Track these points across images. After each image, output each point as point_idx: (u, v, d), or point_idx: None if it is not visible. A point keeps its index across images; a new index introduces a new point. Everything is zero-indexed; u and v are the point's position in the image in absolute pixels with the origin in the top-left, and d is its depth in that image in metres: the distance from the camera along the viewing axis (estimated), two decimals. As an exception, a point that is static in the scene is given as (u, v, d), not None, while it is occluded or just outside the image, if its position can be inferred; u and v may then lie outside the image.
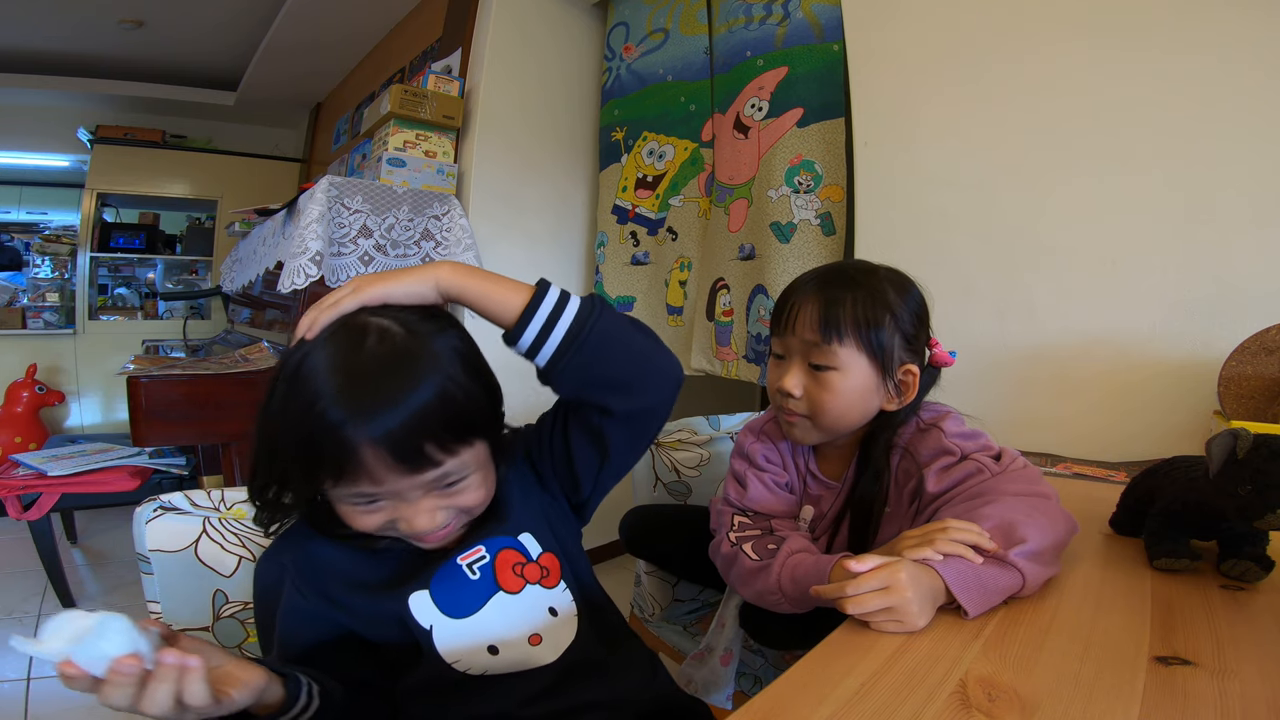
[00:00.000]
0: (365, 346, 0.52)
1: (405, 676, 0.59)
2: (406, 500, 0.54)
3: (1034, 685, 0.42)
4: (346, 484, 0.52)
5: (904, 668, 0.45)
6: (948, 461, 0.71)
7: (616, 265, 2.13)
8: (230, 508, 0.70)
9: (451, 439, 0.53)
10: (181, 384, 1.52)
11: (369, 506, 0.54)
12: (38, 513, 1.82)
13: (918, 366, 0.76)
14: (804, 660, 0.46)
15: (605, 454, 0.64)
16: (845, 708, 0.40)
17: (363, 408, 0.49)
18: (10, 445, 2.93)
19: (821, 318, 0.73)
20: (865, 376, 0.74)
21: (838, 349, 0.73)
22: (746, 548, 0.75)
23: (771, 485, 0.83)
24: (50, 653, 0.40)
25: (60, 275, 3.59)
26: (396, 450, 0.50)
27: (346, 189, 1.71)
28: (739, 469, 0.86)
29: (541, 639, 0.60)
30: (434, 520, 0.55)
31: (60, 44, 3.11)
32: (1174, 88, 1.15)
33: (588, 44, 2.28)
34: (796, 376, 0.76)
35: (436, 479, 0.54)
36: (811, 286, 0.76)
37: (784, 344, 0.78)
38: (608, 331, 0.58)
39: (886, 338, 0.73)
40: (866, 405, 0.76)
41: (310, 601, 0.58)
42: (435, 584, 0.59)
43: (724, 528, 0.81)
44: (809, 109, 1.62)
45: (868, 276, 0.76)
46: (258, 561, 0.63)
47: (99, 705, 0.41)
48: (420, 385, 0.51)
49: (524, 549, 0.63)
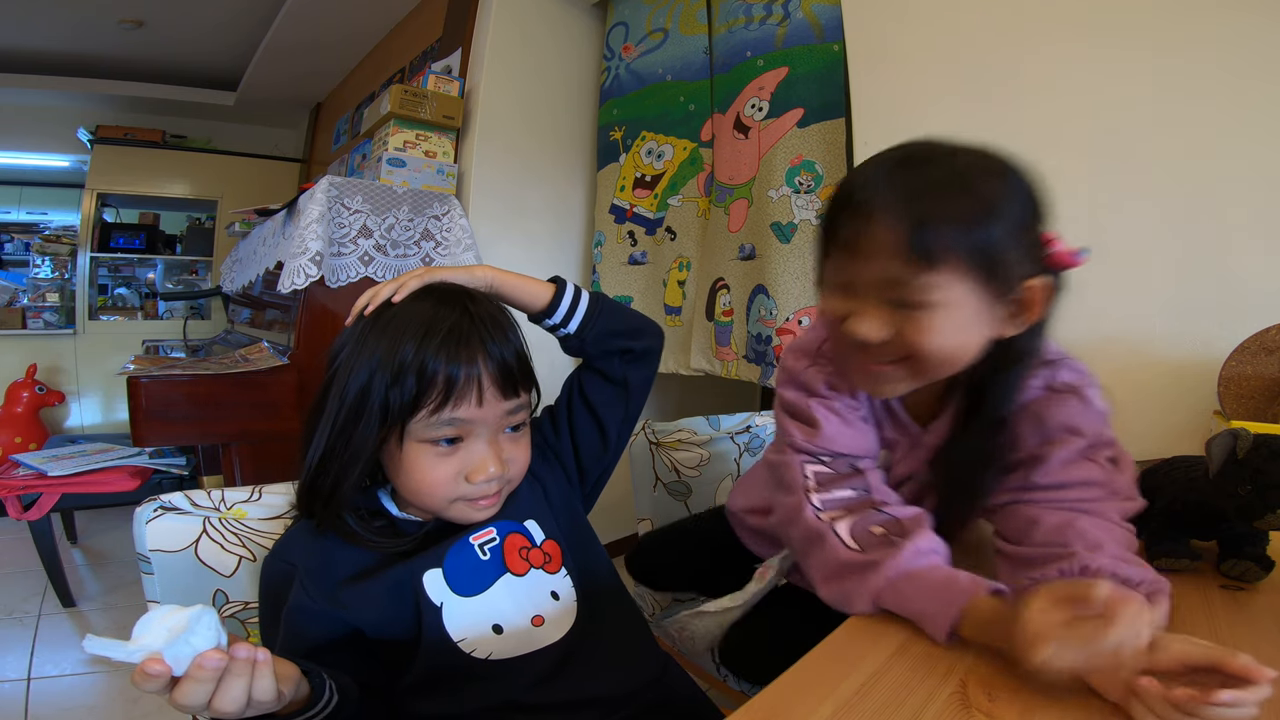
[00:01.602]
0: (461, 304, 0.62)
1: (405, 673, 0.59)
2: (482, 437, 0.61)
3: (1034, 685, 0.42)
4: (450, 408, 0.58)
5: (904, 668, 0.45)
6: (1076, 448, 0.58)
7: (614, 264, 2.13)
8: (230, 508, 0.70)
9: (526, 380, 0.64)
10: (181, 384, 1.52)
11: (449, 448, 0.60)
12: (38, 513, 1.82)
13: (1043, 276, 0.56)
14: (804, 660, 0.46)
15: (604, 432, 0.75)
16: (845, 708, 0.40)
17: (479, 336, 0.60)
18: (10, 445, 2.93)
19: (909, 241, 0.52)
20: (973, 304, 0.54)
21: (934, 280, 0.52)
22: (840, 528, 0.58)
23: (849, 415, 0.65)
24: (141, 649, 0.38)
25: (60, 275, 3.59)
26: (500, 372, 0.60)
27: (346, 189, 1.71)
28: (797, 402, 0.67)
29: (544, 620, 0.62)
30: (499, 466, 0.61)
31: (60, 44, 3.11)
32: (1174, 86, 1.15)
33: (587, 44, 2.28)
34: (876, 320, 0.55)
35: (513, 410, 0.62)
36: (884, 191, 0.54)
37: (846, 273, 0.57)
38: (613, 304, 0.77)
39: (998, 248, 0.52)
40: (978, 338, 0.56)
41: (317, 602, 0.58)
42: (449, 561, 0.61)
43: (798, 486, 0.63)
44: (809, 109, 1.62)
45: (952, 161, 0.55)
46: (264, 559, 0.63)
47: (100, 706, 0.40)
48: (510, 335, 0.64)
49: (529, 534, 0.67)
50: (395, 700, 0.60)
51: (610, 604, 0.68)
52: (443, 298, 0.63)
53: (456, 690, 0.59)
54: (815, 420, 0.65)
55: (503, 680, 0.59)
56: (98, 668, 1.61)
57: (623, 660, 0.64)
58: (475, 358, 0.59)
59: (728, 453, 1.20)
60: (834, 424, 0.65)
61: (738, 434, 1.22)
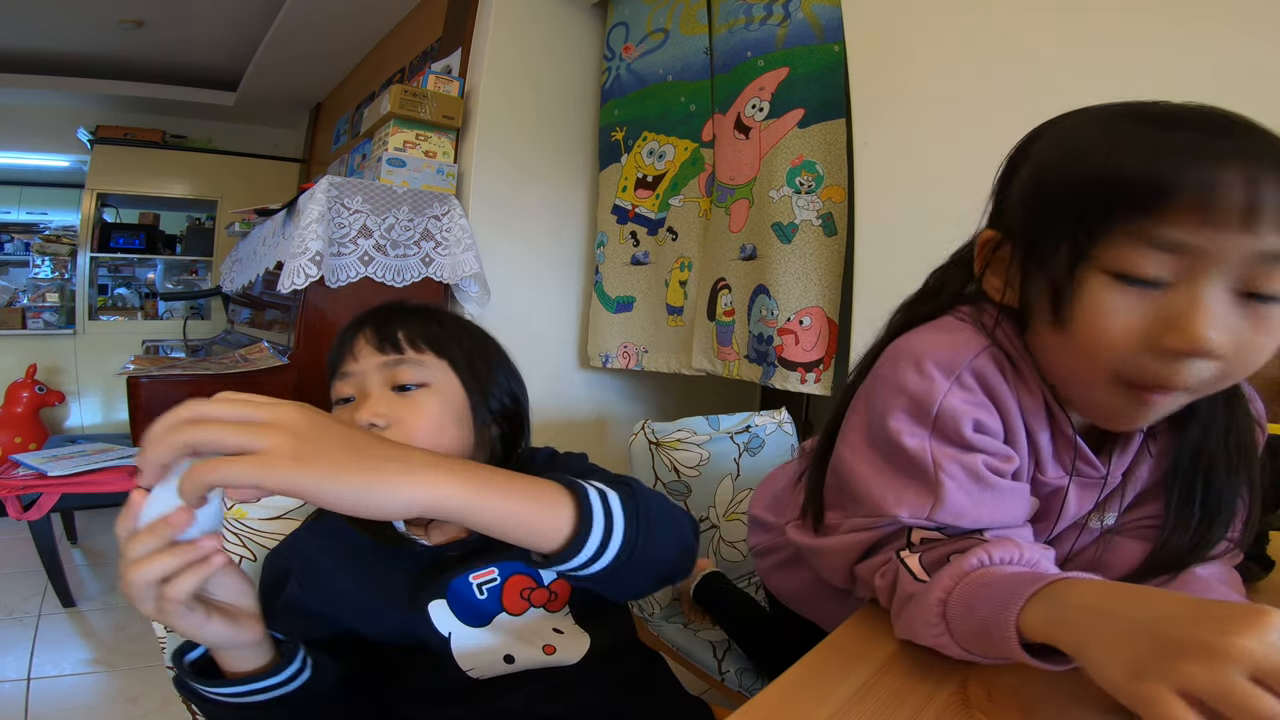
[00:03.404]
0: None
1: (406, 681, 0.59)
2: (370, 392, 0.61)
3: (1034, 686, 0.42)
4: (342, 364, 0.63)
5: (904, 668, 0.45)
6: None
7: (616, 265, 2.13)
8: (230, 507, 0.70)
9: (418, 342, 0.63)
10: (181, 384, 1.52)
11: (345, 406, 0.62)
12: (38, 513, 1.82)
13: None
14: (804, 660, 0.46)
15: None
16: (845, 708, 0.40)
17: (382, 309, 0.66)
18: (10, 445, 2.93)
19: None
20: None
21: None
22: (912, 563, 0.46)
23: (992, 476, 0.47)
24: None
25: (60, 275, 3.59)
26: (377, 327, 0.63)
27: (346, 189, 1.71)
28: (918, 455, 0.47)
29: (555, 649, 0.61)
30: (367, 414, 0.59)
31: (60, 44, 3.11)
32: (1173, 83, 1.15)
33: (587, 44, 2.28)
34: (1219, 317, 0.39)
35: (390, 364, 0.61)
36: (1258, 139, 0.39)
37: (1190, 249, 0.39)
38: (653, 506, 0.51)
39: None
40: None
41: (312, 602, 0.58)
42: (451, 593, 0.60)
43: (885, 559, 0.49)
44: (810, 110, 1.62)
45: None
46: (266, 556, 0.64)
47: (100, 706, 0.40)
48: (420, 309, 0.66)
49: (537, 575, 0.63)
50: (386, 704, 0.60)
51: (613, 619, 0.68)
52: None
53: (456, 703, 0.58)
54: (938, 485, 0.46)
55: (507, 694, 0.59)
56: (98, 668, 1.61)
57: (624, 673, 0.65)
58: (365, 324, 0.64)
59: (727, 453, 1.20)
60: (964, 495, 0.47)
61: (737, 434, 1.22)
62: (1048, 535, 0.54)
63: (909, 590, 0.45)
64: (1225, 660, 0.28)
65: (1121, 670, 0.31)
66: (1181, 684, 0.29)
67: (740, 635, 0.99)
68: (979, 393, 0.48)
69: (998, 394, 0.48)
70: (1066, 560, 0.54)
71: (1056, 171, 0.45)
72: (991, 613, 0.38)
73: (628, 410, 2.34)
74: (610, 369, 2.17)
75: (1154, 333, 0.40)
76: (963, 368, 0.48)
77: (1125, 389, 0.43)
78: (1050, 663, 0.37)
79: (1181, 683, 0.29)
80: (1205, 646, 0.29)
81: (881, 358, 0.53)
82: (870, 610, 0.52)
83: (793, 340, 1.58)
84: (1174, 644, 0.30)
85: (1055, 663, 0.37)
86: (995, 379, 0.48)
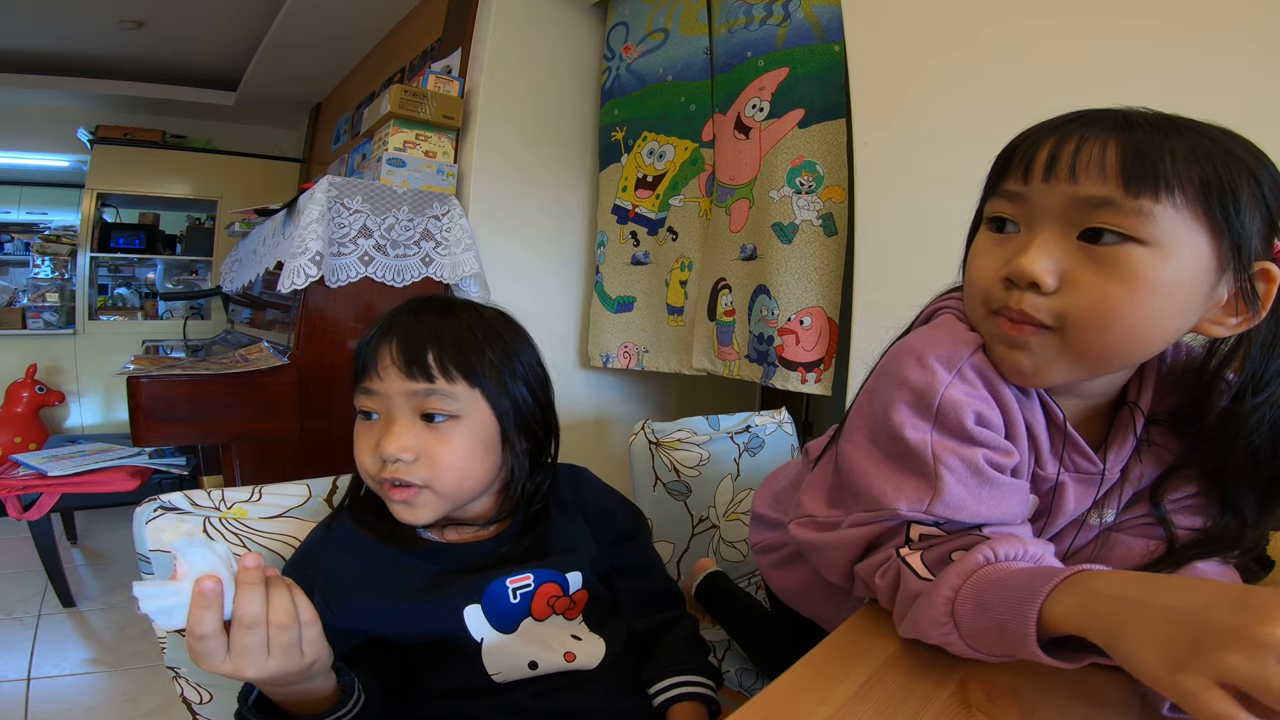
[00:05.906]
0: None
1: (429, 682, 0.60)
2: (395, 418, 0.59)
3: (1034, 686, 0.42)
4: (364, 380, 0.60)
5: (904, 668, 0.45)
6: None
7: (616, 265, 2.13)
8: (230, 507, 0.70)
9: (450, 370, 0.59)
10: (181, 384, 1.52)
11: (367, 421, 0.61)
12: (38, 513, 1.82)
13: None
14: (804, 660, 0.46)
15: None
16: (845, 708, 0.40)
17: (409, 319, 0.61)
18: (10, 445, 2.93)
19: (1127, 156, 0.41)
20: (1198, 268, 0.42)
21: (1156, 211, 0.41)
22: (914, 561, 0.46)
23: (991, 470, 0.48)
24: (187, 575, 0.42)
25: (60, 275, 3.59)
26: (405, 350, 0.59)
27: (346, 189, 1.71)
28: (918, 446, 0.48)
29: (575, 656, 0.63)
30: (393, 446, 0.58)
31: (60, 44, 3.11)
32: (1176, 81, 1.15)
33: (587, 44, 2.28)
34: (1050, 252, 0.44)
35: (419, 394, 0.58)
36: (1097, 121, 0.44)
37: (1022, 198, 0.46)
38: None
39: (1245, 213, 0.41)
40: (1180, 322, 0.45)
41: (340, 618, 0.58)
42: (486, 599, 0.61)
43: (885, 557, 0.49)
44: (810, 110, 1.62)
45: (1189, 123, 0.44)
46: (283, 571, 0.63)
47: (100, 706, 0.41)
48: (449, 324, 0.61)
49: (566, 584, 0.65)
50: (405, 701, 0.61)
51: (621, 624, 0.69)
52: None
53: (473, 699, 0.60)
54: (937, 478, 0.47)
55: (520, 689, 0.60)
56: (98, 668, 1.61)
57: (629, 673, 0.66)
58: (392, 336, 0.60)
59: (727, 452, 1.20)
60: (962, 488, 0.47)
61: (737, 434, 1.22)
62: (1047, 532, 0.55)
63: (914, 589, 0.45)
64: (1268, 650, 0.27)
65: (1160, 662, 0.31)
66: (1222, 675, 0.28)
67: (741, 635, 0.99)
68: (980, 386, 0.49)
69: (998, 388, 0.50)
70: (1065, 558, 0.55)
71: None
72: (1008, 609, 0.38)
73: (628, 410, 2.34)
74: (610, 369, 2.17)
75: (1004, 268, 0.47)
76: (963, 361, 0.49)
77: (993, 319, 0.49)
78: (1063, 661, 0.37)
79: (1222, 673, 0.28)
80: (1246, 636, 0.28)
81: (884, 356, 0.55)
82: (871, 610, 0.52)
83: (793, 340, 1.58)
84: (1214, 634, 0.29)
85: (1068, 660, 0.37)
86: (995, 373, 0.50)
